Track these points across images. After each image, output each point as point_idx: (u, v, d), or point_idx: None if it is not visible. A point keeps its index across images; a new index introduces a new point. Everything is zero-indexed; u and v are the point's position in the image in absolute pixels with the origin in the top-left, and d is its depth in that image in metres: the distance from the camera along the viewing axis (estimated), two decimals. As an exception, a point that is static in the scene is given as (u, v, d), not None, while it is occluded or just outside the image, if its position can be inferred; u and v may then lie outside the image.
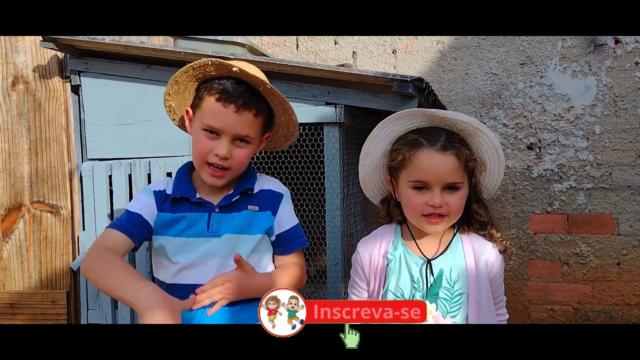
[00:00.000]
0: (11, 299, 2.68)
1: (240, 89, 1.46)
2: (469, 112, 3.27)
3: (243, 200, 1.55)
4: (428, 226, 1.37)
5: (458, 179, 1.35)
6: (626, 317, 3.09)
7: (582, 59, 3.11)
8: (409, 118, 1.39)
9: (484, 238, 1.45)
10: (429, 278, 1.38)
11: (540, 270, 3.21)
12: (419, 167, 1.34)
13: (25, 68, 2.64)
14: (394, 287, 1.41)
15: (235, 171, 1.51)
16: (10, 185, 2.66)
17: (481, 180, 1.46)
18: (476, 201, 1.44)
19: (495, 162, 1.43)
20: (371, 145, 1.45)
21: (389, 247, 1.45)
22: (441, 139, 1.35)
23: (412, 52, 3.36)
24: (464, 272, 1.40)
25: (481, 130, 1.37)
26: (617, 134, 3.07)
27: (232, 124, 1.45)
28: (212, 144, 1.46)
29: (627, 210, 3.07)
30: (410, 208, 1.39)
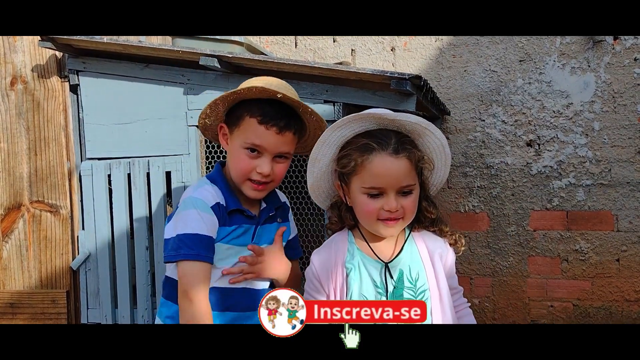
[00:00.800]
0: (11, 298, 2.69)
1: (281, 112, 1.55)
2: (468, 110, 3.27)
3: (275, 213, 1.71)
4: (384, 230, 1.37)
5: (411, 182, 1.35)
6: (626, 313, 3.10)
7: (581, 56, 3.11)
8: (358, 122, 1.38)
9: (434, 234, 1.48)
10: (388, 281, 1.38)
11: (539, 267, 3.21)
12: (373, 172, 1.33)
13: (24, 68, 2.64)
14: (357, 294, 1.38)
15: (275, 184, 1.64)
16: (9, 185, 2.67)
17: (429, 178, 1.47)
18: (425, 199, 1.45)
19: (442, 160, 1.44)
20: (319, 152, 1.43)
21: (345, 257, 1.43)
22: (392, 141, 1.34)
23: (410, 49, 3.36)
24: (422, 269, 1.41)
25: (430, 130, 1.37)
26: (616, 130, 3.07)
27: (274, 144, 1.54)
28: (254, 163, 1.55)
29: (626, 207, 3.07)
30: (365, 214, 1.37)
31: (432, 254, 1.44)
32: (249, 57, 2.21)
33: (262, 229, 1.66)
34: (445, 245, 1.48)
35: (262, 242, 1.65)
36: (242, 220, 1.62)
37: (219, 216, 1.57)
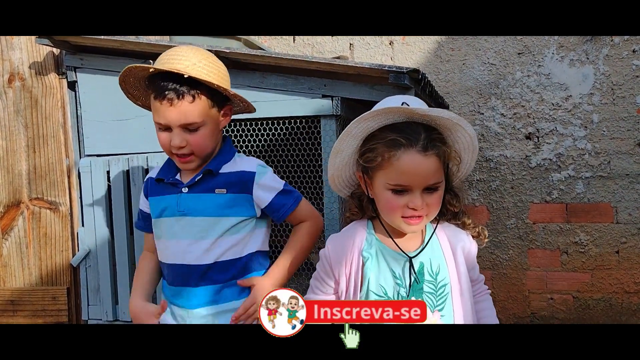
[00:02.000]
0: (12, 295, 2.69)
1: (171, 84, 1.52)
2: (466, 103, 3.27)
3: (209, 181, 1.62)
4: (407, 227, 1.33)
5: (438, 179, 1.30)
6: (626, 305, 3.10)
7: (580, 48, 3.10)
8: (386, 115, 1.31)
9: (456, 226, 1.45)
10: (411, 275, 1.35)
11: (539, 259, 3.21)
12: (400, 170, 1.28)
13: (21, 65, 2.64)
14: (375, 285, 1.35)
15: (201, 153, 1.59)
16: (8, 183, 2.67)
17: (455, 171, 1.42)
18: (449, 192, 1.40)
19: (470, 154, 1.40)
20: (343, 144, 1.37)
21: (363, 245, 1.39)
22: (421, 137, 1.28)
23: (409, 43, 3.35)
24: (444, 263, 1.38)
25: (461, 125, 1.31)
26: (615, 122, 3.07)
27: (172, 117, 1.53)
28: (167, 137, 1.56)
29: (625, 199, 3.07)
30: (389, 210, 1.33)
31: (454, 247, 1.40)
32: (246, 52, 2.21)
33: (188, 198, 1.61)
34: (467, 237, 1.44)
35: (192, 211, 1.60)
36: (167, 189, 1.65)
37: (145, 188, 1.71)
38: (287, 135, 2.33)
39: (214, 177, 1.62)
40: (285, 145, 2.36)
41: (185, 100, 1.52)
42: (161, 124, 1.56)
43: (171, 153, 1.60)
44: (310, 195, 2.35)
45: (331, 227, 2.19)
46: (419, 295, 1.35)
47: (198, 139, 1.56)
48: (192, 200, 1.61)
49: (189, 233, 1.60)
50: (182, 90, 1.52)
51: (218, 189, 1.61)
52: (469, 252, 1.44)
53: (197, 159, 1.60)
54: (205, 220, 1.59)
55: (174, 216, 1.62)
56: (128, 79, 1.63)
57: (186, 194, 1.61)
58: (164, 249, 1.65)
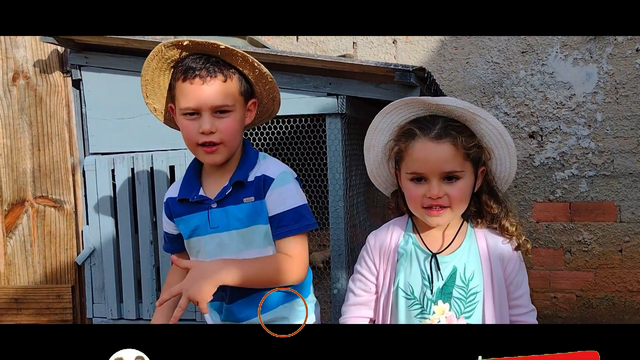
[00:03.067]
0: (16, 294, 2.69)
1: (201, 61, 1.44)
2: (470, 101, 3.26)
3: (237, 191, 1.50)
4: (430, 218, 1.32)
5: (456, 168, 1.29)
6: (629, 303, 3.10)
7: (583, 47, 3.10)
8: (405, 107, 1.34)
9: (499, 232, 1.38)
10: (434, 274, 1.33)
11: (543, 258, 3.22)
12: (414, 157, 1.30)
13: (26, 63, 2.64)
14: (404, 283, 1.36)
15: (229, 144, 1.47)
16: (13, 181, 2.67)
17: (492, 169, 1.39)
18: (487, 192, 1.37)
19: (503, 149, 1.34)
20: (372, 138, 1.41)
21: (399, 241, 1.40)
22: (436, 127, 1.29)
23: (412, 41, 3.35)
24: (479, 270, 1.34)
25: (479, 116, 1.29)
26: (618, 121, 3.07)
27: (203, 97, 1.42)
28: (194, 125, 1.44)
29: (629, 198, 3.07)
30: (410, 200, 1.34)
31: (492, 255, 1.35)
32: (251, 50, 2.21)
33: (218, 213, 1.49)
34: (508, 246, 1.37)
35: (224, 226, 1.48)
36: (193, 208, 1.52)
37: (167, 211, 1.59)
38: (292, 134, 2.33)
39: (242, 187, 1.50)
40: (291, 144, 2.36)
41: (218, 79, 1.44)
42: (189, 107, 1.44)
43: (196, 146, 1.47)
44: (315, 193, 2.36)
45: (336, 225, 2.19)
46: (446, 299, 1.33)
47: (228, 125, 1.45)
48: (223, 215, 1.50)
49: (226, 250, 1.49)
50: (215, 68, 1.44)
51: (246, 197, 1.49)
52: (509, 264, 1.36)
53: (224, 152, 1.47)
54: (240, 232, 1.49)
55: (207, 234, 1.51)
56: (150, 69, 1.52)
57: (216, 209, 1.50)
58: None
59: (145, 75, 1.52)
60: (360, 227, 2.40)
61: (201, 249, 1.52)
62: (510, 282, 1.37)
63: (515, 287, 1.38)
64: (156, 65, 1.51)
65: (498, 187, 1.41)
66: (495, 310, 1.33)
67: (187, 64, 1.45)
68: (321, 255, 2.55)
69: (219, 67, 1.45)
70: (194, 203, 1.52)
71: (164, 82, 1.54)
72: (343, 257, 2.19)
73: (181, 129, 1.50)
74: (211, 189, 1.53)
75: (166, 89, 1.55)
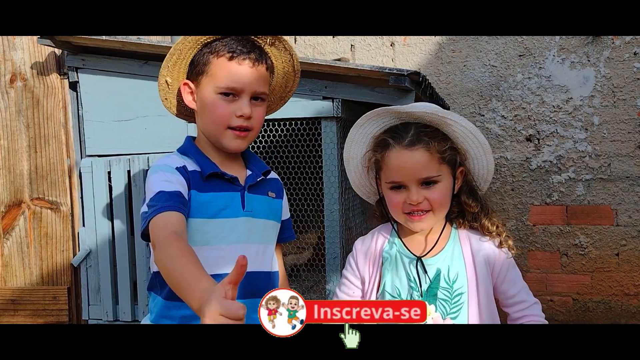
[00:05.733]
0: (12, 295, 2.70)
1: (248, 44, 1.40)
2: (467, 104, 3.27)
3: (262, 183, 1.48)
4: (412, 224, 1.34)
5: (432, 173, 1.31)
6: (625, 307, 3.11)
7: (581, 50, 3.11)
8: (378, 118, 1.37)
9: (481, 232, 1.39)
10: (421, 277, 1.35)
11: (539, 261, 3.22)
12: (390, 167, 1.33)
13: (23, 65, 2.64)
14: (390, 286, 1.37)
15: (256, 132, 1.44)
16: (10, 182, 2.68)
17: (471, 169, 1.41)
18: (466, 192, 1.39)
19: (477, 148, 1.36)
20: (350, 151, 1.43)
21: (385, 246, 1.42)
22: (409, 135, 1.32)
23: (410, 44, 3.36)
24: (463, 271, 1.35)
25: (449, 118, 1.31)
26: (615, 124, 3.07)
27: (251, 80, 1.38)
28: (231, 107, 1.37)
29: (625, 201, 3.08)
30: (392, 208, 1.37)
31: (476, 256, 1.37)
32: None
33: (251, 198, 1.43)
34: (492, 247, 1.37)
35: (256, 214, 1.43)
36: (222, 186, 1.41)
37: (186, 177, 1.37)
38: (288, 137, 2.34)
39: (262, 180, 1.48)
40: (286, 147, 2.37)
41: (263, 66, 1.41)
42: (232, 87, 1.37)
43: (225, 128, 1.39)
44: (310, 196, 2.36)
45: (331, 228, 2.20)
46: (432, 301, 1.34)
47: (261, 114, 1.42)
48: (255, 200, 1.44)
49: (253, 236, 1.42)
50: (264, 55, 1.42)
51: (270, 192, 1.49)
52: (495, 263, 1.37)
53: (250, 139, 1.44)
54: (269, 223, 1.46)
55: (239, 217, 1.41)
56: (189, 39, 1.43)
57: (248, 193, 1.43)
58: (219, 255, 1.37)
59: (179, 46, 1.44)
60: (356, 230, 2.41)
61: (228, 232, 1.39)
62: (502, 280, 1.37)
63: (509, 285, 1.38)
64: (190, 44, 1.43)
65: (478, 187, 1.43)
66: (480, 310, 1.34)
67: (233, 44, 1.39)
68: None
69: (265, 55, 1.43)
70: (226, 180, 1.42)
71: (188, 57, 1.46)
72: (338, 259, 2.19)
73: (210, 108, 1.40)
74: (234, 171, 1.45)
75: (184, 67, 1.46)
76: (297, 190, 2.37)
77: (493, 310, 1.37)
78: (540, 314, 1.40)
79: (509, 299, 1.39)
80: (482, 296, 1.35)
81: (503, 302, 1.40)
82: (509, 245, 1.38)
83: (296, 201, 2.36)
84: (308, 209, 2.37)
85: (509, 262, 1.39)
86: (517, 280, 1.39)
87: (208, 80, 1.39)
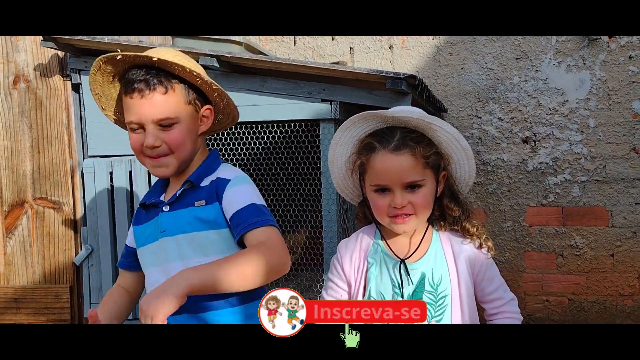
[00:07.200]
0: (15, 293, 2.73)
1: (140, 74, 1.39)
2: (464, 107, 3.31)
3: (190, 195, 1.45)
4: (396, 226, 1.36)
5: (417, 177, 1.33)
6: (620, 307, 3.14)
7: (577, 53, 3.14)
8: (364, 121, 1.38)
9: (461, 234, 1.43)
10: (404, 279, 1.37)
11: (535, 262, 3.25)
12: (375, 170, 1.35)
13: (26, 67, 2.68)
14: (375, 291, 1.39)
15: (179, 153, 1.42)
16: (13, 182, 2.71)
17: (453, 173, 1.44)
18: (448, 196, 1.42)
19: (460, 153, 1.39)
20: (334, 153, 1.45)
21: (369, 250, 1.44)
22: (395, 139, 1.34)
23: (408, 47, 3.40)
24: (446, 273, 1.38)
25: (434, 124, 1.33)
26: (611, 127, 3.11)
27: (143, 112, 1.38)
28: (140, 138, 1.40)
29: (620, 203, 3.11)
30: (376, 210, 1.38)
31: (457, 257, 1.40)
32: (247, 56, 2.25)
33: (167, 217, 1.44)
34: (472, 248, 1.41)
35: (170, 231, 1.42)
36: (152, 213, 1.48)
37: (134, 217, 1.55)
38: (287, 139, 2.37)
39: (195, 190, 1.45)
40: (285, 149, 2.40)
41: (157, 92, 1.38)
42: (133, 121, 1.39)
43: (143, 156, 1.43)
44: (308, 197, 2.40)
45: (329, 228, 2.23)
46: None
47: (174, 136, 1.40)
48: (172, 217, 1.44)
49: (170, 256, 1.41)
50: (154, 80, 1.38)
51: (198, 201, 1.43)
52: (475, 263, 1.41)
53: (174, 161, 1.43)
54: (188, 237, 1.41)
55: (156, 240, 1.44)
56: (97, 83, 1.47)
57: (167, 212, 1.45)
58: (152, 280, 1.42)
59: (95, 89, 1.48)
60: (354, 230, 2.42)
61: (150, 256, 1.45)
62: (482, 279, 1.42)
63: (488, 283, 1.42)
64: (102, 79, 1.47)
65: (460, 190, 1.46)
66: (462, 311, 1.37)
67: (128, 77, 1.40)
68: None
69: (159, 79, 1.39)
70: (151, 206, 1.49)
71: (116, 93, 1.50)
72: (336, 259, 2.22)
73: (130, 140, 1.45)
74: (169, 193, 1.50)
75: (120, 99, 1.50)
76: (295, 191, 2.40)
77: (474, 310, 1.41)
78: (516, 310, 1.45)
79: (487, 296, 1.43)
80: (464, 297, 1.38)
81: (481, 298, 1.44)
82: (488, 247, 1.42)
83: (294, 201, 2.40)
84: (306, 210, 2.41)
85: (488, 261, 1.43)
86: (495, 278, 1.44)
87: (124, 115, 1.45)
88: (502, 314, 1.44)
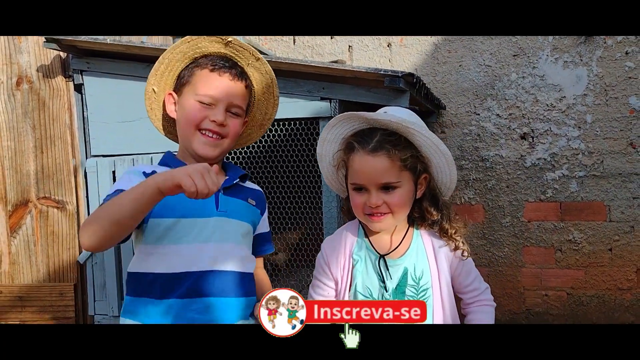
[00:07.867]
0: (20, 292, 2.76)
1: (231, 62, 1.49)
2: (463, 104, 3.34)
3: (240, 189, 1.53)
4: (372, 224, 1.41)
5: (392, 179, 1.37)
6: (618, 301, 3.17)
7: (574, 50, 3.17)
8: (347, 121, 1.42)
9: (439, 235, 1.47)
10: (384, 274, 1.42)
11: (534, 257, 3.29)
12: (354, 169, 1.39)
13: (29, 68, 2.71)
14: (362, 287, 1.43)
15: (229, 142, 1.49)
16: (17, 182, 2.74)
17: (434, 176, 1.47)
18: (429, 199, 1.45)
19: (440, 158, 1.42)
20: (322, 149, 1.49)
21: (354, 247, 1.47)
22: (373, 140, 1.37)
23: (406, 45, 3.42)
24: (427, 267, 1.44)
25: (413, 129, 1.36)
26: (608, 122, 3.14)
27: (227, 92, 1.45)
28: (206, 112, 1.44)
29: (618, 197, 3.14)
30: (354, 207, 1.43)
31: (437, 252, 1.45)
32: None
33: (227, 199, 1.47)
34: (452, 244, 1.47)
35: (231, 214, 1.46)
36: None
37: None
38: (287, 137, 2.40)
39: (242, 187, 1.54)
40: (285, 147, 2.43)
41: (243, 84, 1.49)
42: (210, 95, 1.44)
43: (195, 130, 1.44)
44: (308, 195, 2.42)
45: (329, 225, 2.26)
46: (401, 298, 1.41)
47: (236, 125, 1.49)
48: (232, 202, 1.48)
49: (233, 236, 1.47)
50: (243, 73, 1.50)
51: (250, 199, 1.54)
52: (453, 259, 1.47)
53: (222, 148, 1.48)
54: (243, 225, 1.49)
55: (212, 216, 1.44)
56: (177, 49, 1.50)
57: (224, 195, 1.48)
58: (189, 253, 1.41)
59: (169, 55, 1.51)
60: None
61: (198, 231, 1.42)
62: (459, 273, 1.48)
63: (465, 275, 1.49)
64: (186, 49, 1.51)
65: (442, 194, 1.49)
66: (442, 303, 1.43)
67: (217, 59, 1.48)
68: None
69: (246, 75, 1.51)
70: None
71: (176, 70, 1.53)
72: (336, 255, 2.25)
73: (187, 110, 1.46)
74: None
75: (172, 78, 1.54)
76: (296, 188, 2.43)
77: (452, 301, 1.47)
78: (490, 297, 1.54)
79: (464, 288, 1.51)
80: (444, 289, 1.44)
81: (459, 290, 1.51)
82: (463, 250, 1.46)
83: (295, 199, 2.43)
84: (306, 206, 2.44)
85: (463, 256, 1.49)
86: (472, 270, 1.51)
87: (189, 89, 1.47)
88: (479, 302, 1.52)
